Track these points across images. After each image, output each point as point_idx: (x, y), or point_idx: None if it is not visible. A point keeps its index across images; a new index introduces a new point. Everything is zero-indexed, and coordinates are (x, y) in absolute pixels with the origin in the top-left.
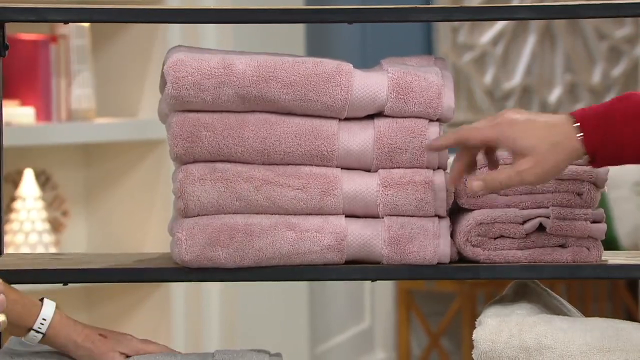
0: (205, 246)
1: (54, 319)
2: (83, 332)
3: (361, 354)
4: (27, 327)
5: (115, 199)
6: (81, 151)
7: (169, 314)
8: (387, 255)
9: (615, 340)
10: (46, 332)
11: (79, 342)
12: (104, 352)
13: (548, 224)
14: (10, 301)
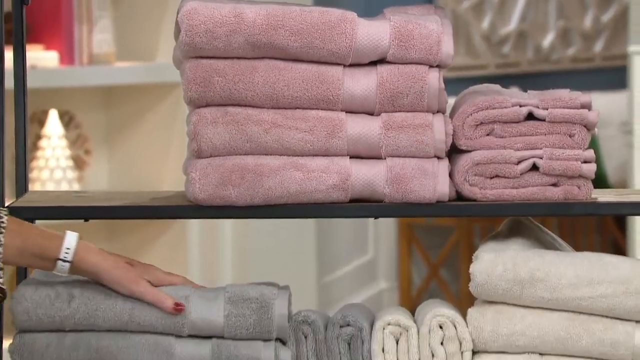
0: (218, 185)
1: (78, 247)
2: (110, 259)
3: (365, 283)
4: (54, 258)
5: (134, 138)
6: (102, 93)
7: (185, 249)
8: (389, 194)
9: (604, 273)
10: (73, 260)
11: (108, 268)
12: (132, 279)
13: (541, 164)
14: (33, 235)
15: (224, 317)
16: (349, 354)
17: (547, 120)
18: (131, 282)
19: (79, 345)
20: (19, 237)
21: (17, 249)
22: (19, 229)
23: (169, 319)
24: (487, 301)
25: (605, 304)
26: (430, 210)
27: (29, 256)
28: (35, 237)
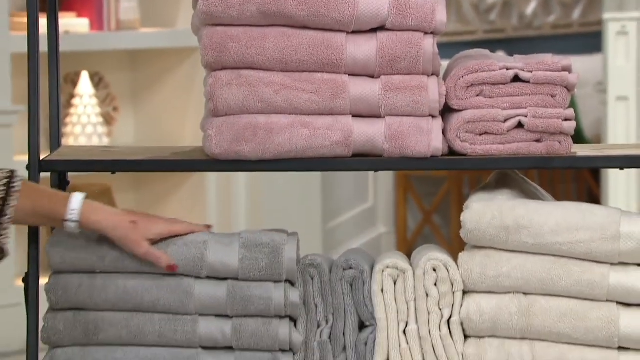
0: (232, 141)
1: (83, 208)
2: (115, 219)
3: (365, 228)
4: (61, 219)
5: (157, 97)
6: (128, 56)
7: (203, 198)
8: (388, 149)
9: (582, 220)
10: (79, 220)
11: (111, 229)
12: (134, 241)
13: (526, 122)
14: (42, 198)
15: (239, 260)
16: (351, 294)
17: (532, 82)
18: (133, 244)
19: (108, 286)
20: (29, 200)
21: (27, 212)
22: (30, 193)
23: (188, 262)
24: (476, 246)
25: (583, 248)
26: (425, 164)
27: (39, 217)
28: (44, 200)
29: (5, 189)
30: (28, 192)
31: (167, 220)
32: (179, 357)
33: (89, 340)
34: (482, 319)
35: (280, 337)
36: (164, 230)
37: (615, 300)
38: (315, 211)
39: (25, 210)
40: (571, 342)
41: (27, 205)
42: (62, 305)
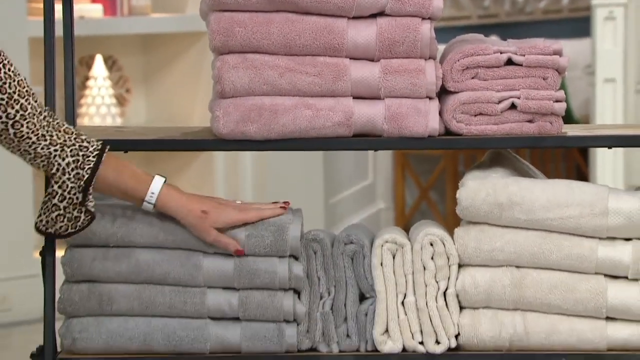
0: (239, 122)
1: (162, 193)
2: (188, 208)
3: (366, 204)
4: (141, 199)
5: (167, 80)
6: (140, 40)
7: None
8: (387, 129)
9: (571, 197)
10: (156, 203)
11: (184, 216)
12: (204, 229)
13: (519, 103)
14: (126, 175)
15: (245, 237)
16: (352, 268)
17: (524, 65)
18: (202, 232)
19: (121, 259)
20: (114, 172)
21: (109, 183)
22: (116, 166)
23: (197, 238)
24: (471, 222)
25: (573, 223)
26: (423, 143)
27: (118, 191)
28: (127, 177)
29: (96, 160)
30: (115, 165)
31: (238, 208)
32: (188, 327)
33: (102, 311)
34: (476, 291)
35: (284, 309)
36: (233, 218)
37: (603, 273)
38: (318, 188)
39: (108, 182)
40: (561, 313)
41: (110, 178)
42: (77, 277)
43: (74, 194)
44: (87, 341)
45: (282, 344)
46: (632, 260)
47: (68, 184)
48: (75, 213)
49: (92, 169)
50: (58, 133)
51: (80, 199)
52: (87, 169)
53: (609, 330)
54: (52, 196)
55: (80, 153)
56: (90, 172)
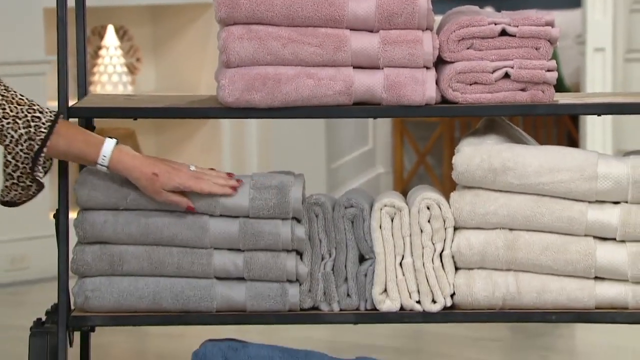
0: (243, 91)
1: (113, 155)
2: (139, 170)
3: (366, 168)
4: (93, 162)
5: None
6: (150, 11)
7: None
8: (386, 98)
9: (562, 162)
10: (108, 165)
11: (136, 178)
12: (155, 191)
13: (512, 72)
14: (78, 141)
15: (249, 200)
16: (352, 230)
17: (517, 36)
18: (153, 193)
19: (131, 222)
20: (65, 140)
21: (62, 151)
22: (67, 133)
23: (204, 202)
24: (466, 186)
25: (564, 187)
26: (420, 111)
27: (72, 157)
28: (79, 142)
29: (48, 130)
30: (66, 133)
31: (189, 174)
32: (195, 287)
33: (113, 271)
34: (471, 252)
35: (287, 269)
36: (182, 183)
37: (592, 235)
38: (320, 153)
39: (60, 150)
40: (552, 273)
41: (61, 145)
42: (89, 239)
43: (27, 163)
44: (99, 300)
45: (285, 303)
46: (620, 223)
47: (21, 155)
48: (27, 182)
49: (43, 140)
50: (11, 105)
51: (31, 167)
52: (37, 140)
53: (598, 290)
54: (5, 166)
55: (32, 124)
56: (40, 143)
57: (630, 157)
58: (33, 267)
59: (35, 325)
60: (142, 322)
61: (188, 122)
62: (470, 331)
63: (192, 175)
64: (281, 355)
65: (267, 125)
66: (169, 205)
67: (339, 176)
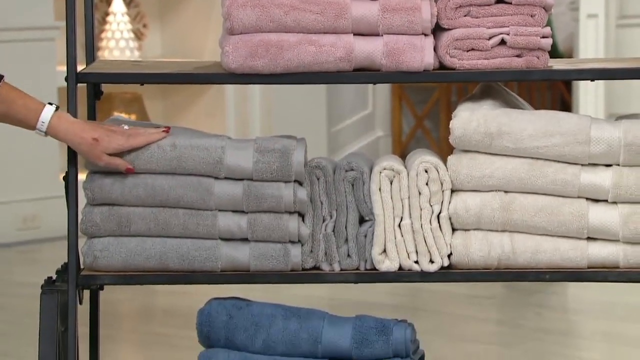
0: (247, 57)
1: (52, 122)
2: (79, 136)
3: (365, 132)
4: (32, 127)
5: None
6: None
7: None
8: (385, 64)
9: (556, 126)
10: (46, 131)
11: (76, 144)
12: (95, 155)
13: (508, 39)
14: (18, 105)
15: (253, 163)
16: (352, 193)
17: (513, 3)
18: (94, 158)
19: (138, 184)
20: (5, 104)
21: (1, 114)
22: (7, 97)
23: (209, 165)
24: (463, 150)
25: (558, 151)
26: (419, 77)
27: (12, 120)
28: (19, 106)
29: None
30: (6, 97)
31: (126, 134)
32: (200, 247)
33: (121, 232)
34: (467, 214)
35: (289, 230)
36: (123, 145)
37: (585, 197)
38: (321, 118)
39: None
40: (546, 234)
41: (1, 109)
42: (98, 201)
43: None
44: (107, 259)
45: (288, 263)
46: (611, 185)
47: None
48: None
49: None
50: None
51: None
52: None
53: (590, 250)
54: None
55: None
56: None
57: (622, 121)
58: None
59: (46, 283)
60: (149, 281)
61: (193, 87)
62: (466, 289)
63: (129, 134)
64: (283, 313)
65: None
66: (172, 166)
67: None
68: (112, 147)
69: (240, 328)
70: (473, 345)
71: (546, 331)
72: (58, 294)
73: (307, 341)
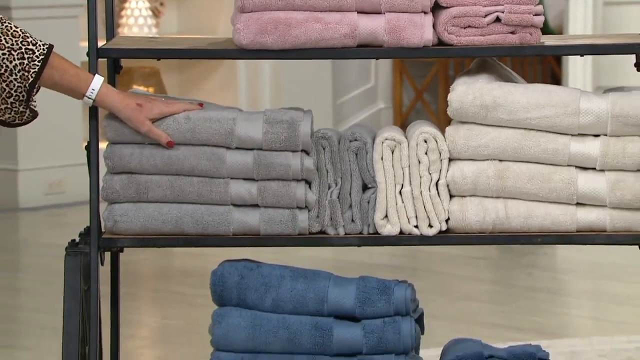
0: (257, 34)
1: (101, 90)
2: (124, 102)
3: (368, 104)
4: (82, 94)
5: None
6: None
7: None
8: (387, 40)
9: (548, 99)
10: (95, 99)
11: (121, 109)
12: (139, 120)
13: (502, 17)
14: (69, 74)
15: (263, 134)
16: (356, 161)
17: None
18: (138, 123)
19: (155, 154)
20: (58, 72)
21: (54, 82)
22: (59, 66)
23: (221, 135)
24: (460, 121)
25: (549, 122)
26: (419, 52)
27: (62, 89)
28: (70, 76)
29: (41, 63)
30: (59, 66)
31: (165, 102)
32: (214, 213)
33: (140, 198)
34: (464, 181)
35: (297, 197)
36: (164, 110)
37: (575, 165)
38: (326, 90)
39: (53, 81)
40: (537, 200)
41: (54, 77)
42: (118, 169)
43: (20, 92)
44: (127, 223)
45: (295, 227)
46: (599, 154)
47: (15, 84)
48: (21, 109)
49: (37, 72)
50: (6, 37)
51: (25, 98)
52: (32, 72)
53: (579, 215)
54: (1, 92)
55: (27, 56)
56: (34, 76)
57: (610, 94)
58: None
59: (70, 246)
60: (166, 244)
61: (207, 62)
62: (462, 251)
63: (168, 103)
64: (291, 274)
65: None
66: (187, 137)
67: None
68: (154, 112)
69: (251, 288)
70: (468, 303)
71: (537, 290)
72: (81, 256)
73: (314, 300)
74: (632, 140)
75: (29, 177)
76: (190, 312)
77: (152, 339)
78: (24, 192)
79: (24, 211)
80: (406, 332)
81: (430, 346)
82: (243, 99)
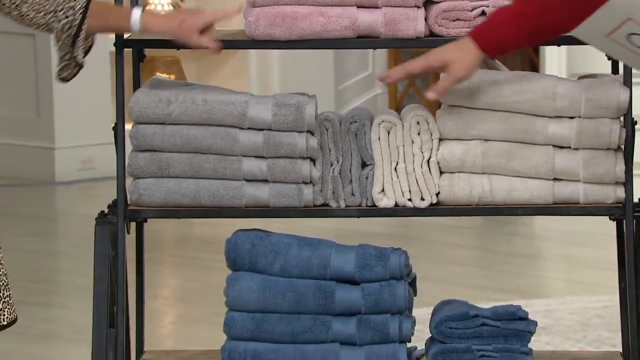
0: (266, 26)
1: (142, 20)
2: (168, 23)
3: (366, 90)
4: (128, 30)
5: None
6: None
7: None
8: (384, 32)
9: (528, 85)
10: (140, 28)
11: (166, 28)
12: (187, 34)
13: (488, 11)
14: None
15: (272, 116)
16: (355, 141)
17: None
18: (187, 36)
19: (175, 134)
20: (100, 20)
21: (99, 28)
22: (100, 14)
23: (234, 117)
24: (450, 105)
25: (530, 105)
26: (412, 43)
27: (109, 31)
28: (111, 20)
29: (82, 16)
30: (99, 13)
31: (206, 14)
32: (228, 187)
33: (161, 174)
34: (453, 159)
35: (303, 173)
36: (207, 19)
37: (552, 144)
38: (329, 77)
39: (98, 28)
40: (519, 175)
41: (98, 25)
42: (142, 147)
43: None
44: (150, 197)
45: (301, 200)
46: (574, 134)
47: (67, 41)
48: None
49: (79, 24)
50: (49, 0)
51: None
52: (75, 26)
53: (555, 188)
54: (59, 51)
55: (70, 13)
56: (77, 28)
57: (583, 80)
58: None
59: (99, 216)
60: (185, 215)
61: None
62: (450, 221)
63: (211, 13)
64: (298, 243)
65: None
66: (204, 118)
67: (344, 96)
68: (199, 23)
69: (262, 255)
70: (456, 267)
71: (517, 255)
72: (109, 226)
73: (318, 266)
74: (602, 122)
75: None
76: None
77: (173, 299)
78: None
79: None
80: (400, 294)
81: (422, 306)
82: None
